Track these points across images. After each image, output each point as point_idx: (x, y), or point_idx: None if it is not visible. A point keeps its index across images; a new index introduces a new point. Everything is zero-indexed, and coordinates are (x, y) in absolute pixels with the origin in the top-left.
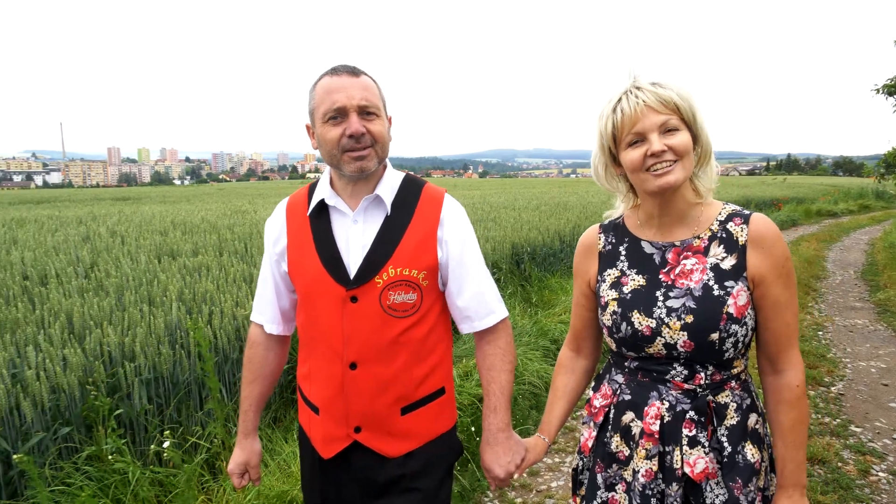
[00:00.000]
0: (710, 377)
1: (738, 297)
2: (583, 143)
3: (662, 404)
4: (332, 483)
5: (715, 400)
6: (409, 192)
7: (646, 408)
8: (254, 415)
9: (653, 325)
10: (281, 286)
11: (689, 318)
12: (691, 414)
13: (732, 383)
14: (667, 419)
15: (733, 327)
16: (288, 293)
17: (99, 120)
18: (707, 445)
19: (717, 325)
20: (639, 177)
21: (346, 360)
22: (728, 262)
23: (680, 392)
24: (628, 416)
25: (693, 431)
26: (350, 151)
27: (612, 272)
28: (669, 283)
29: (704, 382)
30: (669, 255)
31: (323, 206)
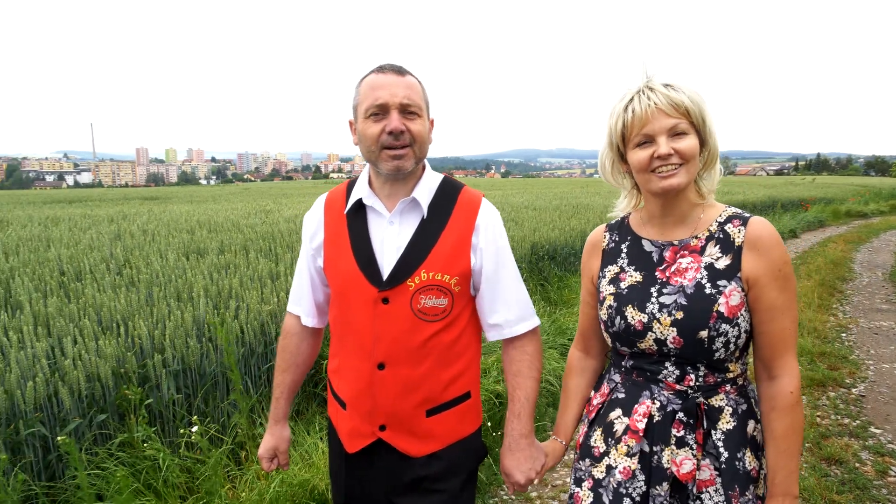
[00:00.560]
0: (703, 379)
1: (731, 297)
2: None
3: (653, 404)
4: (356, 478)
5: (708, 403)
6: (446, 196)
7: (635, 406)
8: (285, 402)
9: (644, 320)
10: (316, 280)
11: (679, 315)
12: (681, 415)
13: (727, 387)
14: (656, 419)
15: (723, 327)
16: (322, 287)
17: (128, 121)
18: (694, 447)
19: (706, 322)
20: (644, 177)
21: (375, 360)
22: (722, 262)
23: (671, 392)
24: (615, 412)
25: (681, 432)
26: (388, 149)
27: (613, 268)
28: (664, 280)
29: (695, 384)
30: (667, 254)
31: (360, 205)
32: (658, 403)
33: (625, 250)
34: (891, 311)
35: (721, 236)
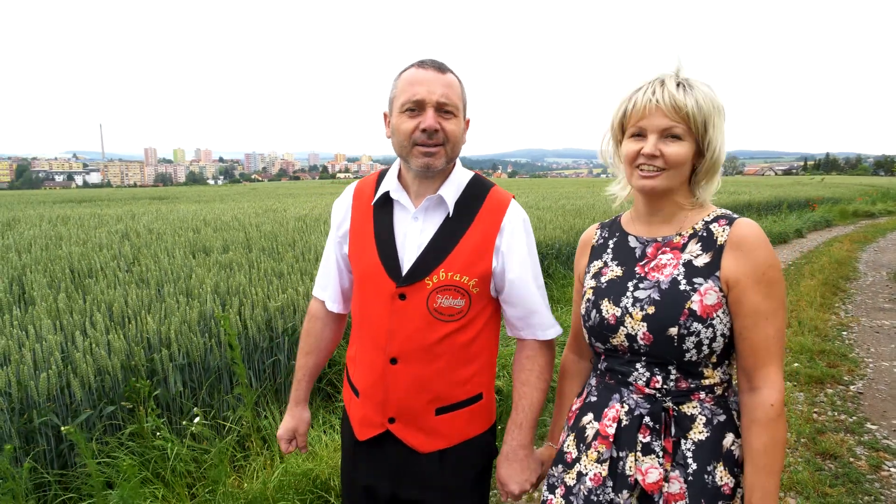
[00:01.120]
0: (675, 383)
1: (706, 295)
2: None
3: (622, 407)
4: (364, 467)
5: (678, 409)
6: (473, 195)
7: (605, 409)
8: (306, 385)
9: (618, 314)
10: (342, 266)
11: (651, 310)
12: (647, 420)
13: (702, 395)
14: (624, 423)
15: (695, 325)
16: (348, 274)
17: (137, 121)
18: (662, 456)
19: (676, 319)
20: (629, 170)
21: (389, 354)
22: (701, 260)
23: (641, 396)
24: (587, 417)
25: (647, 438)
26: (421, 146)
27: (597, 263)
28: (643, 275)
29: (664, 387)
30: (650, 250)
31: (388, 197)
32: (627, 407)
33: (611, 246)
34: (893, 310)
35: (704, 234)
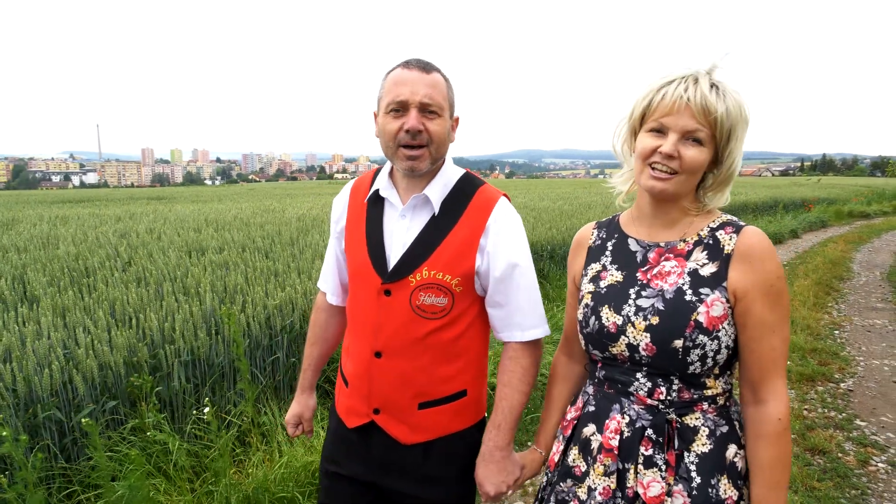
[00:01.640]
0: (677, 394)
1: (713, 307)
2: (611, 144)
3: (623, 418)
4: (348, 455)
5: (681, 421)
6: (461, 194)
7: (606, 421)
8: (312, 373)
9: (619, 323)
10: (341, 261)
11: (655, 320)
12: (649, 432)
13: (705, 405)
14: (626, 434)
15: (701, 338)
16: (346, 268)
17: (134, 121)
18: (665, 470)
19: (682, 331)
20: (640, 165)
21: (374, 348)
22: (708, 269)
23: (642, 407)
24: (589, 428)
25: (650, 451)
26: (405, 147)
27: (595, 266)
28: (645, 282)
29: (667, 398)
30: (651, 255)
31: (379, 195)
32: (628, 418)
33: (610, 248)
34: (886, 310)
35: (710, 242)
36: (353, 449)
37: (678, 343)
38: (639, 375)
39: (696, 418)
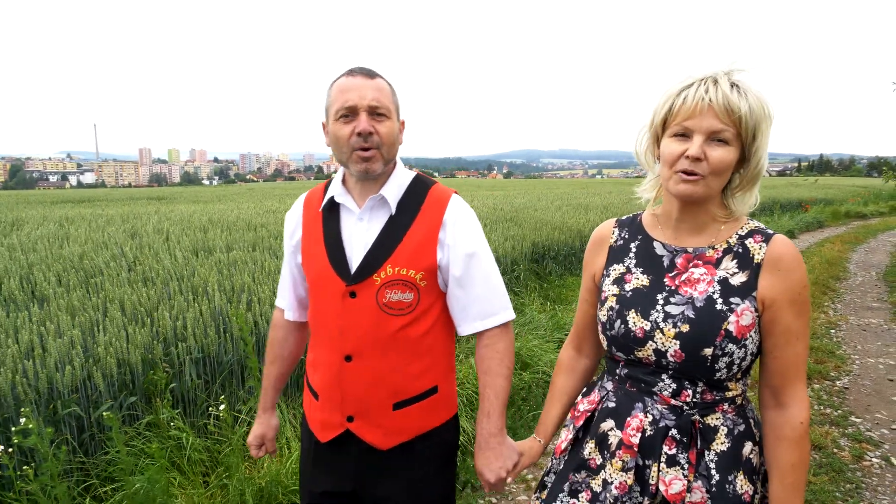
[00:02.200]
0: (700, 395)
1: (742, 316)
2: (609, 144)
3: (646, 417)
4: (325, 470)
5: (703, 421)
6: (415, 193)
7: (628, 419)
8: (273, 392)
9: (647, 328)
10: (297, 275)
11: (685, 328)
12: (674, 432)
13: (725, 406)
14: (648, 433)
15: (730, 347)
16: (303, 282)
17: (131, 121)
18: (687, 468)
19: (712, 340)
20: (667, 171)
21: (343, 352)
22: (738, 279)
23: (665, 407)
24: (608, 423)
25: (673, 450)
26: (358, 150)
27: (618, 268)
28: (673, 288)
29: (692, 400)
30: (679, 261)
31: (334, 202)
32: (651, 417)
33: (633, 250)
34: (881, 309)
35: (740, 251)
36: (330, 464)
37: (708, 351)
38: (664, 377)
39: (717, 418)
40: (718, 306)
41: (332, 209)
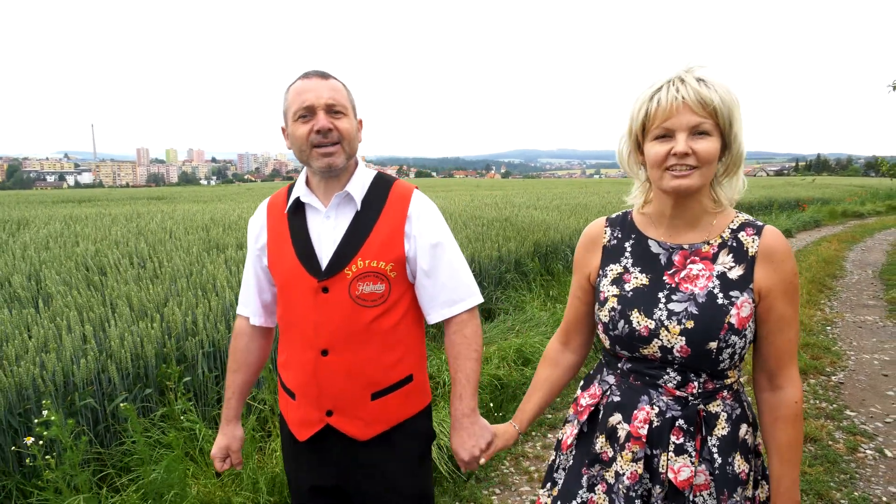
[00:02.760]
0: (703, 385)
1: (742, 308)
2: (607, 144)
3: (652, 409)
4: (308, 467)
5: (706, 409)
6: (379, 190)
7: (635, 411)
8: (236, 402)
9: (651, 327)
10: (263, 280)
11: (690, 324)
12: (681, 422)
13: (724, 393)
14: (655, 424)
15: (733, 338)
16: (269, 287)
17: (129, 121)
18: (693, 455)
19: (717, 334)
20: (657, 173)
21: (318, 347)
22: (735, 272)
23: (671, 398)
24: (615, 417)
25: (681, 440)
26: (318, 147)
27: (615, 268)
28: (673, 285)
29: (697, 391)
30: (676, 258)
31: (299, 203)
32: (657, 409)
33: (629, 249)
34: (877, 307)
35: (734, 244)
36: (311, 461)
37: (713, 345)
38: (669, 370)
39: (718, 405)
40: (720, 301)
41: (298, 210)
